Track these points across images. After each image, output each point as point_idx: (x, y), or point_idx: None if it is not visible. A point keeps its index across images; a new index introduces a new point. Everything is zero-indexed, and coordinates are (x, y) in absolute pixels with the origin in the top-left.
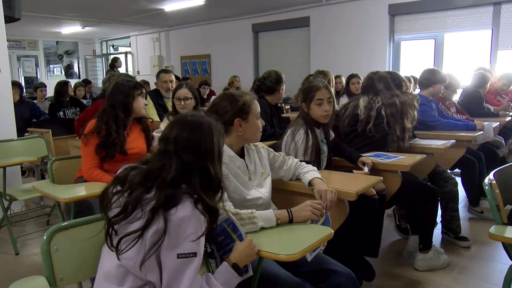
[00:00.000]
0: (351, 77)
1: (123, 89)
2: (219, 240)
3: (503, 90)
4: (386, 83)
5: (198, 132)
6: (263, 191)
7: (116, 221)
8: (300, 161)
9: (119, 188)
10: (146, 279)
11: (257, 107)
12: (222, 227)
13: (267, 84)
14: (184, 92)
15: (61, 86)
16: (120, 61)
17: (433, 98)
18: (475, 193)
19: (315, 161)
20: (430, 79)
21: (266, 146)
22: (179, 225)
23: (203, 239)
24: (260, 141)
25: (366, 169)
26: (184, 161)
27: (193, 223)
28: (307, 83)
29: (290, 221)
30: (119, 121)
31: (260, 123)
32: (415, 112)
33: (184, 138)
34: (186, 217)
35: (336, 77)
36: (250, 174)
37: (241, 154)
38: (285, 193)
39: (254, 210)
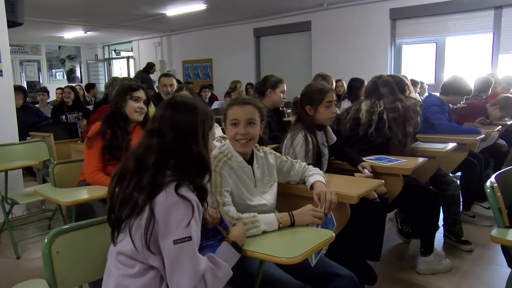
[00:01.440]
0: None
1: (116, 93)
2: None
3: (503, 93)
4: (391, 87)
5: (180, 111)
6: (268, 197)
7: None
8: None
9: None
10: (149, 264)
11: (231, 114)
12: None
13: (257, 88)
14: (184, 94)
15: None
16: (155, 68)
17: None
18: (472, 197)
19: (316, 164)
20: (453, 87)
21: (275, 152)
22: (168, 213)
23: (194, 221)
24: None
25: (366, 171)
26: (165, 140)
27: (181, 209)
28: (313, 86)
29: (292, 225)
30: (121, 126)
31: (239, 131)
32: (418, 118)
33: (167, 117)
34: (173, 204)
35: (337, 80)
36: (256, 181)
37: (250, 159)
38: (287, 196)
39: (256, 214)
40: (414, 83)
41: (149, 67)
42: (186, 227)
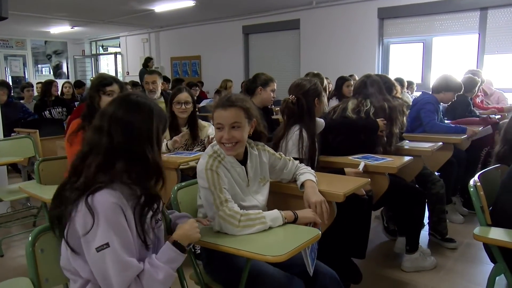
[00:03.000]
0: (345, 80)
1: (91, 87)
2: None
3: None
4: (379, 87)
5: (134, 113)
6: (260, 198)
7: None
8: (296, 159)
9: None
10: (82, 276)
11: (216, 117)
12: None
13: (247, 85)
14: (184, 96)
15: (47, 86)
16: (153, 62)
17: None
18: (448, 195)
19: (309, 160)
20: (442, 85)
21: (269, 149)
22: (82, 221)
23: (110, 227)
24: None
25: (360, 167)
26: (113, 142)
27: (88, 217)
28: (314, 82)
29: (295, 220)
30: None
31: (223, 135)
32: (404, 119)
33: (118, 118)
34: (84, 212)
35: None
36: (249, 180)
37: (243, 158)
38: (279, 195)
39: (261, 211)
40: (409, 83)
41: (147, 62)
42: (102, 232)
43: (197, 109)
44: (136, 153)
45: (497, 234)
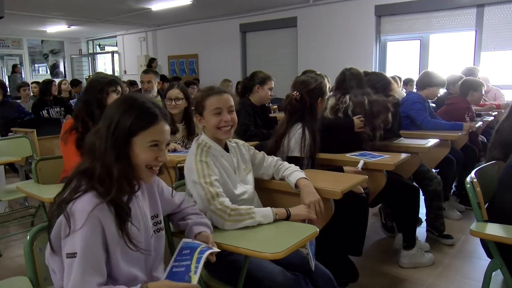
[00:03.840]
0: None
1: (96, 85)
2: (183, 252)
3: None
4: (359, 80)
5: (115, 109)
6: (247, 186)
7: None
8: (296, 157)
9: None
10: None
11: (212, 103)
12: (197, 245)
13: (245, 83)
14: (175, 92)
15: (47, 85)
16: (157, 62)
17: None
18: (446, 193)
19: (309, 158)
20: (425, 81)
21: (246, 143)
22: (62, 224)
23: (86, 240)
24: (244, 140)
25: (360, 166)
26: (97, 143)
27: (66, 223)
28: (320, 81)
29: (287, 218)
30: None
31: (223, 119)
32: (389, 115)
33: (105, 115)
34: (64, 218)
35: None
36: (235, 169)
37: (225, 149)
38: (269, 192)
39: (252, 207)
40: (408, 80)
41: (150, 63)
42: (72, 241)
43: (192, 106)
44: (108, 152)
45: (493, 229)
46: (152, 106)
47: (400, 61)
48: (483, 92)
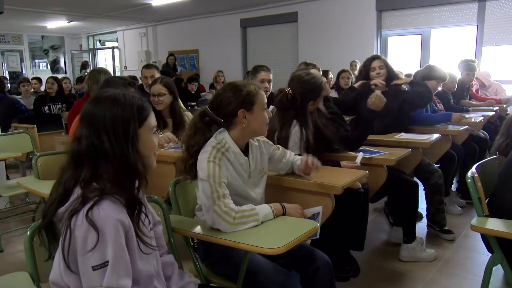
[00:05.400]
0: (341, 71)
1: (115, 85)
2: None
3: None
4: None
5: (97, 105)
6: (257, 191)
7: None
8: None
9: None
10: None
11: (263, 97)
12: None
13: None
14: (157, 88)
15: (58, 81)
16: (174, 57)
17: None
18: (446, 188)
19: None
20: (425, 75)
21: (268, 140)
22: (77, 237)
23: (112, 244)
24: None
25: (358, 160)
26: (82, 144)
27: (92, 234)
28: (318, 84)
29: (283, 214)
30: None
31: (267, 115)
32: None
33: (85, 114)
34: (78, 227)
35: (324, 71)
36: (250, 172)
37: (245, 150)
38: (277, 188)
39: (253, 206)
40: (409, 76)
41: (167, 58)
42: (99, 250)
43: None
44: (104, 150)
45: (494, 224)
46: (136, 96)
47: (401, 56)
48: (440, 86)
